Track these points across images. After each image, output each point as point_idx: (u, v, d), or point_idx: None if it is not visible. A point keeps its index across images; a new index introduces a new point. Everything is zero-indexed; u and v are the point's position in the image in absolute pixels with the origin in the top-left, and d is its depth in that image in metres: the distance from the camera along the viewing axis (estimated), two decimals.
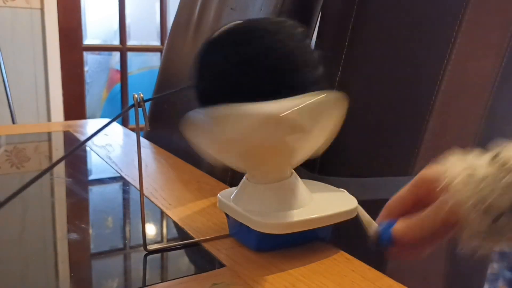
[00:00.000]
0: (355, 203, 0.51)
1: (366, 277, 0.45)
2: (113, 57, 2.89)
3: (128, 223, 0.60)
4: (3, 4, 2.09)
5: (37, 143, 1.02)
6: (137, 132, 0.49)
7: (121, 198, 0.70)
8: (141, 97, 0.48)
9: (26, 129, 1.14)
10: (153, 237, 0.55)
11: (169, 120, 1.03)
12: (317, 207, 0.50)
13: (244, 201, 0.50)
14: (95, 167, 0.85)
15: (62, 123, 1.22)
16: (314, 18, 0.73)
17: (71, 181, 0.74)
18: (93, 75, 2.82)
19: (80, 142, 0.98)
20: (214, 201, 0.65)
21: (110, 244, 0.53)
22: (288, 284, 0.43)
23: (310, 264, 0.47)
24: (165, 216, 0.60)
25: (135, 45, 2.73)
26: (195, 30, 0.99)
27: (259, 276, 0.45)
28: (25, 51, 2.17)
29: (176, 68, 1.05)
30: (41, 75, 2.22)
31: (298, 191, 0.50)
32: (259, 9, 0.76)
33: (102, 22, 2.79)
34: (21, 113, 2.14)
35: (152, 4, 2.78)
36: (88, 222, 0.59)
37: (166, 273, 0.49)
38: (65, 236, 0.54)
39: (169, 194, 0.68)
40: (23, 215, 0.62)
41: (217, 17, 0.91)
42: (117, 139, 1.03)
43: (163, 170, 0.82)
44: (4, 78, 2.00)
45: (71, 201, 0.67)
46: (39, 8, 2.16)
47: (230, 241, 0.52)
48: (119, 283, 0.45)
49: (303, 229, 0.48)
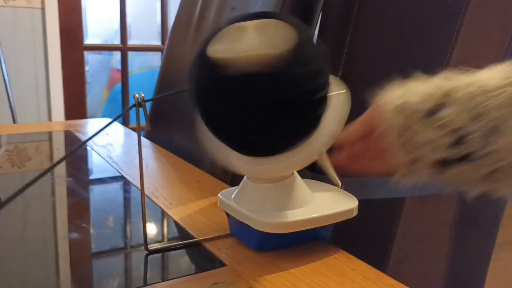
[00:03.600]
0: (356, 203, 0.51)
1: (367, 276, 0.45)
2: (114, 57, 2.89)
3: (129, 223, 0.60)
4: (4, 4, 2.09)
5: (38, 143, 1.02)
6: (138, 132, 0.49)
7: (122, 198, 0.70)
8: (142, 97, 0.48)
9: (27, 128, 1.14)
10: (154, 236, 0.55)
11: (170, 120, 1.03)
12: (317, 207, 0.50)
13: (245, 201, 0.50)
14: (96, 166, 0.85)
15: (63, 122, 1.22)
16: (315, 17, 0.73)
17: (72, 181, 0.74)
18: (94, 74, 2.82)
19: (81, 141, 0.98)
20: (214, 201, 0.65)
21: (111, 244, 0.53)
22: (289, 284, 0.43)
23: (310, 263, 0.47)
24: (166, 215, 0.60)
25: (136, 44, 2.73)
26: (196, 30, 0.99)
27: (260, 275, 0.45)
28: (26, 50, 2.17)
29: (177, 68, 1.05)
30: (42, 75, 2.23)
31: (298, 191, 0.50)
32: (260, 9, 0.76)
33: (103, 21, 2.79)
34: (22, 113, 2.14)
35: (153, 4, 2.78)
36: (89, 221, 0.60)
37: (166, 273, 0.49)
38: (66, 235, 0.54)
39: (170, 194, 0.68)
40: (24, 215, 0.62)
41: (217, 16, 0.91)
42: (118, 139, 1.03)
43: (164, 170, 0.82)
44: (5, 78, 2.00)
45: (72, 201, 0.67)
46: (40, 7, 2.17)
47: (230, 240, 0.53)
48: (120, 282, 0.46)
49: (303, 229, 0.48)
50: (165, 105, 1.05)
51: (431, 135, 0.46)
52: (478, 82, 0.46)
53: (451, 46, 0.70)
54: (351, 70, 0.70)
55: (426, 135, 0.47)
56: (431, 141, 0.47)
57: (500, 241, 0.89)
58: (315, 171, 0.74)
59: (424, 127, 0.47)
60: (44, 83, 2.24)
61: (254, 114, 0.42)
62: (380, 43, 0.70)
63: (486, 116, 0.44)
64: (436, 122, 0.46)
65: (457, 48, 0.70)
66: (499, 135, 0.44)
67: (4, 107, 2.05)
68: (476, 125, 0.44)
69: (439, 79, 0.49)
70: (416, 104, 0.48)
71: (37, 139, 1.04)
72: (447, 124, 0.46)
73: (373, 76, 0.71)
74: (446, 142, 0.46)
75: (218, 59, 0.42)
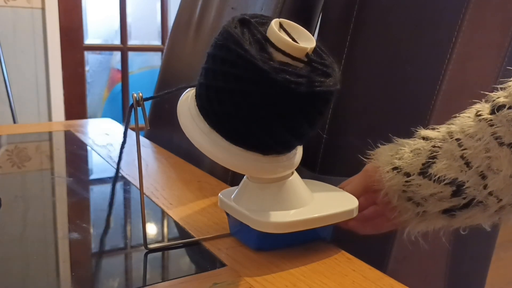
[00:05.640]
0: (356, 203, 0.51)
1: (367, 276, 0.45)
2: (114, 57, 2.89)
3: (129, 223, 0.60)
4: (5, 4, 2.09)
5: (38, 143, 1.02)
6: (137, 131, 0.49)
7: (122, 198, 0.70)
8: (140, 96, 0.48)
9: (27, 128, 1.14)
10: (154, 236, 0.55)
11: (170, 119, 1.03)
12: (317, 207, 0.50)
13: (245, 201, 0.50)
14: (96, 166, 0.85)
15: (63, 122, 1.22)
16: (315, 18, 0.73)
17: (72, 181, 0.74)
18: (94, 74, 2.82)
19: (81, 142, 0.98)
20: (214, 201, 0.65)
21: (111, 244, 0.53)
22: (289, 284, 0.43)
23: (311, 263, 0.47)
24: (166, 215, 0.60)
25: (136, 44, 2.73)
26: (196, 30, 0.99)
27: (260, 275, 0.45)
28: (26, 50, 2.17)
29: (177, 68, 1.05)
30: (42, 75, 2.22)
31: (298, 191, 0.50)
32: (260, 9, 0.76)
33: (103, 21, 2.79)
34: (22, 113, 2.14)
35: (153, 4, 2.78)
36: (89, 221, 0.60)
37: (167, 273, 0.49)
38: (66, 235, 0.54)
39: (170, 194, 0.68)
40: (24, 215, 0.62)
41: (218, 16, 0.91)
42: (118, 139, 1.03)
43: (164, 170, 0.82)
44: (5, 78, 2.00)
45: (72, 201, 0.67)
46: (40, 7, 2.16)
47: (230, 240, 0.52)
48: (120, 282, 0.46)
49: (303, 229, 0.48)
50: (165, 105, 1.05)
51: (432, 189, 0.48)
52: (459, 130, 0.48)
53: (451, 46, 0.70)
54: (351, 70, 0.70)
55: (429, 189, 0.49)
56: (434, 194, 0.49)
57: (500, 241, 0.89)
58: (315, 171, 0.74)
59: (424, 181, 0.49)
60: (44, 83, 2.23)
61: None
62: (380, 43, 0.70)
63: (474, 162, 0.46)
64: (432, 176, 0.48)
65: (457, 48, 0.70)
66: (492, 176, 0.45)
67: (4, 107, 2.05)
68: (469, 173, 0.46)
69: (424, 133, 0.52)
70: (411, 160, 0.50)
71: (37, 139, 1.04)
72: (442, 178, 0.48)
73: (373, 76, 0.71)
74: (447, 193, 0.48)
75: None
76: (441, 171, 0.47)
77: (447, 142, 0.48)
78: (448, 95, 0.72)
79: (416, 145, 0.51)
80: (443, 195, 0.48)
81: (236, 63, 0.41)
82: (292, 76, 0.40)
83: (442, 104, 0.72)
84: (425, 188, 0.49)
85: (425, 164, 0.49)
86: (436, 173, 0.48)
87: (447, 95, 0.72)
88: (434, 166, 0.48)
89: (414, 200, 0.51)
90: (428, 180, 0.48)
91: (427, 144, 0.50)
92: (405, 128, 0.69)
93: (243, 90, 0.41)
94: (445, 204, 0.49)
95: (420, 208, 0.51)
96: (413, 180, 0.49)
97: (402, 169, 0.50)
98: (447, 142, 0.48)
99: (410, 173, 0.50)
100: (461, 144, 0.47)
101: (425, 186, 0.49)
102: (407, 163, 0.50)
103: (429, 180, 0.48)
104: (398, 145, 0.53)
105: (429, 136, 0.51)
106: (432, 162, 0.48)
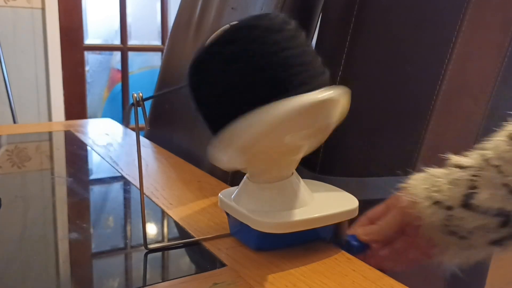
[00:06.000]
0: (356, 203, 0.51)
1: (367, 276, 0.45)
2: (114, 57, 2.89)
3: (129, 223, 0.60)
4: (5, 4, 2.09)
5: (38, 143, 1.02)
6: (137, 131, 0.49)
7: (122, 198, 0.70)
8: (140, 96, 0.48)
9: (27, 128, 1.14)
10: (154, 236, 0.55)
11: (170, 119, 1.03)
12: (318, 207, 0.50)
13: (245, 201, 0.50)
14: (96, 166, 0.85)
15: (63, 122, 1.22)
16: (315, 17, 0.73)
17: (72, 181, 0.74)
18: (94, 74, 2.82)
19: (81, 142, 0.98)
20: (215, 201, 0.65)
21: (111, 244, 0.53)
22: (289, 284, 0.43)
23: (311, 263, 0.47)
24: (166, 215, 0.60)
25: (136, 44, 2.73)
26: (196, 30, 0.99)
27: (260, 275, 0.45)
28: (26, 50, 2.17)
29: (177, 68, 1.05)
30: (42, 75, 2.23)
31: (299, 191, 0.50)
32: (260, 9, 0.76)
33: (103, 21, 2.79)
34: (22, 113, 2.15)
35: (153, 4, 2.78)
36: (89, 221, 0.60)
37: (167, 273, 0.49)
38: (66, 235, 0.54)
39: (170, 194, 0.68)
40: (24, 215, 0.62)
41: (218, 16, 0.91)
42: (118, 139, 1.03)
43: (164, 170, 0.82)
44: (5, 78, 2.00)
45: (72, 201, 0.67)
46: (40, 7, 2.17)
47: (231, 240, 0.52)
48: (120, 282, 0.46)
49: (303, 229, 0.48)
50: (165, 105, 1.05)
51: (479, 221, 0.46)
52: (495, 156, 0.45)
53: (451, 46, 0.70)
54: (351, 70, 0.70)
55: (474, 222, 0.46)
56: (481, 226, 0.46)
57: None
58: (315, 171, 0.74)
59: (467, 214, 0.46)
60: (44, 83, 2.24)
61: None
62: (380, 43, 0.70)
63: None
64: (477, 208, 0.45)
65: (457, 48, 0.70)
66: None
67: (4, 106, 2.05)
68: None
69: (457, 160, 0.49)
70: (450, 192, 0.47)
71: (37, 139, 1.04)
72: (488, 209, 0.45)
73: (373, 77, 0.71)
74: (495, 224, 0.45)
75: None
76: (485, 202, 0.45)
77: (486, 170, 0.45)
78: (448, 95, 0.72)
79: (453, 175, 0.48)
80: (490, 227, 0.46)
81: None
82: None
83: (442, 104, 0.72)
84: (469, 221, 0.46)
85: (467, 196, 0.46)
86: (479, 204, 0.45)
87: (447, 95, 0.72)
88: (477, 197, 0.45)
89: (458, 234, 0.48)
90: (472, 212, 0.46)
91: (465, 174, 0.47)
92: (406, 128, 0.69)
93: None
94: (493, 235, 0.46)
95: (465, 241, 0.48)
96: (456, 214, 0.47)
97: (443, 202, 0.47)
98: (486, 171, 0.45)
99: (452, 207, 0.47)
100: (501, 171, 0.44)
101: (469, 219, 0.46)
102: (448, 196, 0.47)
103: (473, 212, 0.46)
104: (432, 176, 0.50)
105: (463, 164, 0.48)
106: (474, 192, 0.46)
